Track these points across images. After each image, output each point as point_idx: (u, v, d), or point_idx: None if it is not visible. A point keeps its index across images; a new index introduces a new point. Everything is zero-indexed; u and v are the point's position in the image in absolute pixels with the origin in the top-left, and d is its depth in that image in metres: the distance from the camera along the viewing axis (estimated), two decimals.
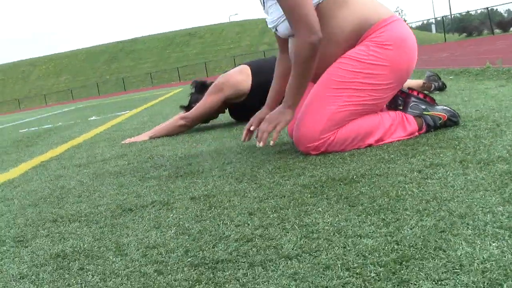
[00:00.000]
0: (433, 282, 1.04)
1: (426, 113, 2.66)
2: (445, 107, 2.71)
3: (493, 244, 1.17)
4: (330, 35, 2.57)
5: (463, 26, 70.58)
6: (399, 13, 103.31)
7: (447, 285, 1.02)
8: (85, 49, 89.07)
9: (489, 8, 41.82)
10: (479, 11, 71.16)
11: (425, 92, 4.58)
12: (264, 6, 2.79)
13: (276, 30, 2.76)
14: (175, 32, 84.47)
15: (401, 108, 2.70)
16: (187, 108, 4.47)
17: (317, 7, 2.54)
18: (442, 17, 55.82)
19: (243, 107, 4.40)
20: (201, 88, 4.48)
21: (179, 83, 47.99)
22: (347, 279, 1.12)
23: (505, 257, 1.10)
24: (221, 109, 4.44)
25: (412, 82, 4.64)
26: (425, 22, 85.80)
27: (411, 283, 1.05)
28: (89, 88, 65.82)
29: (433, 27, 77.89)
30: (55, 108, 29.34)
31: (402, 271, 1.11)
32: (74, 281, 1.38)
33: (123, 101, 18.94)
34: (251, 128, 2.82)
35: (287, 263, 1.26)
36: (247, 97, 4.30)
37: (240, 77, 4.28)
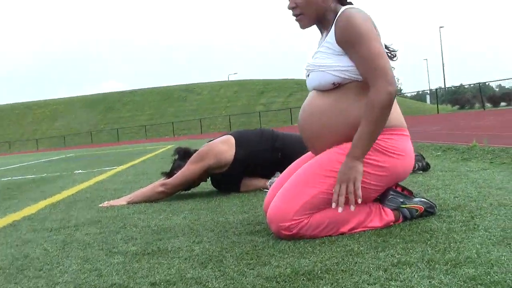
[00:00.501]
0: None
1: (403, 206, 2.64)
2: (422, 199, 2.71)
3: None
4: (349, 112, 2.57)
5: (456, 98, 71.60)
6: (396, 82, 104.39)
7: None
8: (82, 96, 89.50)
9: (480, 84, 42.38)
10: (472, 85, 72.22)
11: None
12: (318, 46, 2.76)
13: (308, 76, 2.74)
14: (174, 86, 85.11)
15: (379, 199, 2.68)
16: (169, 174, 4.43)
17: (356, 81, 2.57)
18: (436, 89, 56.62)
19: (225, 177, 4.37)
20: (184, 155, 4.46)
21: (173, 138, 48.07)
22: None
23: None
24: (203, 178, 4.41)
25: None
26: (420, 92, 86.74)
27: None
28: (82, 136, 65.90)
29: (427, 97, 78.90)
30: (45, 154, 29.27)
31: None
32: None
33: (113, 154, 18.92)
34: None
35: None
36: (229, 167, 4.28)
37: (223, 147, 4.26)
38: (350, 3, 2.69)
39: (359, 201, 2.46)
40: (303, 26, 2.74)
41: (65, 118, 76.93)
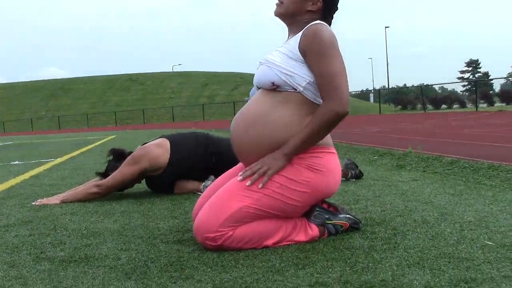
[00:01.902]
0: None
1: (328, 222, 2.72)
2: (347, 215, 2.78)
3: None
4: (279, 123, 2.61)
5: (399, 98, 72.90)
6: None
7: None
8: (23, 82, 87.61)
9: (423, 86, 43.30)
10: (415, 86, 73.61)
11: (343, 178, 4.68)
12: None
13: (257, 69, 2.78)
14: (117, 76, 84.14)
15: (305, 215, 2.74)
16: (103, 175, 4.42)
17: (300, 94, 2.61)
18: (379, 88, 57.44)
19: (159, 179, 4.39)
20: (118, 157, 4.45)
21: (115, 127, 47.52)
22: None
23: None
24: (137, 180, 4.42)
25: None
26: (364, 90, 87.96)
27: None
28: (23, 123, 64.49)
29: (371, 96, 79.96)
30: None
31: None
32: None
33: (52, 144, 18.61)
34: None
35: None
36: (163, 170, 4.30)
37: (158, 151, 4.28)
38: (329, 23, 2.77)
39: (259, 186, 2.53)
40: (277, 12, 2.80)
41: (5, 104, 75.17)
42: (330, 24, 2.76)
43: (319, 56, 2.57)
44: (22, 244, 2.92)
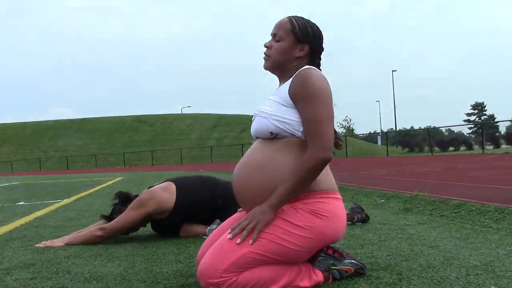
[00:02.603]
0: None
1: (333, 267, 2.70)
2: (352, 261, 2.76)
3: None
4: (283, 168, 2.60)
5: (407, 141, 72.97)
6: (348, 122, 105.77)
7: None
8: (31, 122, 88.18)
9: (430, 128, 43.36)
10: (422, 128, 73.68)
11: (349, 222, 4.65)
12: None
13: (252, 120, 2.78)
14: (126, 117, 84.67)
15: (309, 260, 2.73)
16: (109, 218, 4.41)
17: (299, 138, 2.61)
18: (387, 131, 57.54)
19: (164, 222, 4.38)
20: (124, 200, 4.44)
21: (123, 168, 47.60)
22: None
23: None
24: (142, 223, 4.40)
25: None
26: (372, 133, 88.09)
27: None
28: (31, 162, 64.66)
29: (379, 138, 79.98)
30: None
31: None
32: None
33: (59, 184, 18.62)
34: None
35: None
36: (169, 213, 4.29)
37: (164, 194, 4.28)
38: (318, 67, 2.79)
39: (250, 242, 2.50)
40: (266, 66, 2.82)
41: (14, 143, 75.57)
42: (319, 66, 2.79)
43: (306, 101, 2.59)
44: None
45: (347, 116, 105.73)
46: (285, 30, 2.75)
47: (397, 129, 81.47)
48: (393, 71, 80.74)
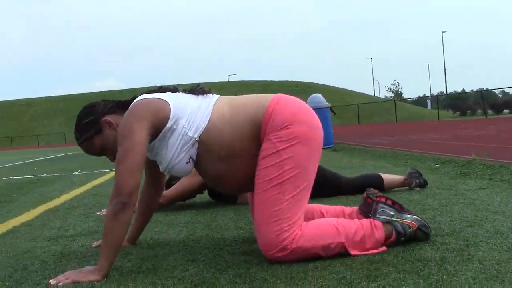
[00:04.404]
0: None
1: (395, 219, 2.61)
2: (414, 216, 2.66)
3: None
4: (228, 154, 2.59)
5: (458, 104, 71.51)
6: (396, 86, 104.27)
7: None
8: (82, 94, 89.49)
9: (483, 90, 42.34)
10: (474, 91, 72.16)
11: (407, 187, 4.59)
12: None
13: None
14: (179, 85, 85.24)
15: (370, 215, 2.68)
16: (167, 186, 4.44)
17: (199, 139, 2.59)
18: (437, 94, 56.49)
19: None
20: None
21: None
22: None
23: None
24: (200, 190, 4.42)
25: (394, 178, 4.64)
26: (421, 96, 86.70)
27: None
28: None
29: (428, 102, 78.77)
30: (46, 151, 29.27)
31: None
32: None
33: None
34: None
35: None
36: None
37: None
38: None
39: (52, 282, 2.36)
40: (113, 159, 2.70)
41: (65, 115, 76.90)
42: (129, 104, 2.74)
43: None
44: (90, 254, 2.97)
45: (395, 80, 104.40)
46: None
47: (448, 92, 79.91)
48: (443, 32, 79.20)
